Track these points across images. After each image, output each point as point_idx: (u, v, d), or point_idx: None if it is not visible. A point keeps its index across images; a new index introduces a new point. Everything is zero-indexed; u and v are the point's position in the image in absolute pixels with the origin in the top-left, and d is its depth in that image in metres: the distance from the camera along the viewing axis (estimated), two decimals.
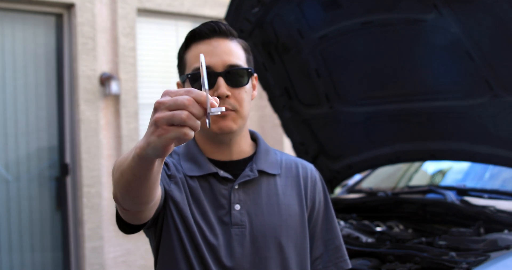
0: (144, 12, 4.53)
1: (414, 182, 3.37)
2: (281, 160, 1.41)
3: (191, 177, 1.30)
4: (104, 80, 4.16)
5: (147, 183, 0.98)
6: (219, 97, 1.26)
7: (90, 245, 4.08)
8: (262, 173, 1.34)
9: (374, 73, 2.58)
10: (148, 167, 0.93)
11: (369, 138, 2.85)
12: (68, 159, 4.17)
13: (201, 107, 0.82)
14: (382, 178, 3.53)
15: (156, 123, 0.83)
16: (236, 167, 1.34)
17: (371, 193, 3.11)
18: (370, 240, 2.43)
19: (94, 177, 4.13)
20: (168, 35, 4.75)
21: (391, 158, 2.90)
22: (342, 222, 2.66)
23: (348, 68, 2.64)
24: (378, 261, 2.13)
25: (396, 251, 2.12)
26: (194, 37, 1.32)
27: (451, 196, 2.70)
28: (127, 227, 1.20)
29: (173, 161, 1.33)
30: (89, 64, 4.13)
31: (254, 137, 1.43)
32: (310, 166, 1.45)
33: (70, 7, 4.16)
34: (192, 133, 0.82)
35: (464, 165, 3.19)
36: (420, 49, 2.37)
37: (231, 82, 1.28)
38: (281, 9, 2.43)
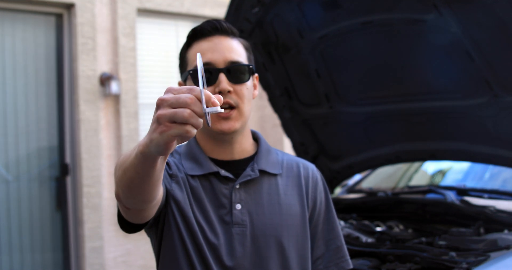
0: (144, 12, 4.53)
1: (414, 182, 3.36)
2: (282, 160, 1.41)
3: (193, 177, 1.30)
4: (104, 80, 4.16)
5: (149, 181, 0.98)
6: (220, 93, 1.26)
7: (90, 245, 4.08)
8: (263, 172, 1.34)
9: (374, 73, 2.58)
10: (151, 165, 0.93)
11: (369, 138, 2.85)
12: (68, 159, 4.17)
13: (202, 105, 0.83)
14: (382, 178, 3.52)
15: (159, 120, 0.83)
16: (237, 166, 1.34)
17: (371, 193, 3.11)
18: (370, 240, 2.43)
19: (94, 177, 4.13)
20: (168, 35, 4.75)
21: (391, 158, 2.90)
22: (342, 222, 2.66)
23: (348, 68, 2.64)
24: (378, 261, 2.13)
25: (396, 251, 2.12)
26: (196, 35, 1.33)
27: (451, 196, 2.70)
28: (129, 226, 1.20)
29: (174, 160, 1.33)
30: (89, 64, 4.13)
31: (255, 137, 1.43)
32: (311, 166, 1.45)
33: (70, 7, 4.16)
34: (194, 131, 0.82)
35: (464, 165, 3.18)
36: (420, 49, 2.37)
37: (233, 78, 1.29)
38: (281, 9, 2.43)
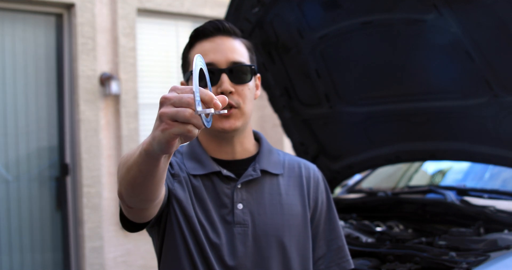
0: (144, 12, 4.53)
1: (414, 182, 3.36)
2: (284, 160, 1.41)
3: (195, 176, 1.31)
4: (104, 80, 4.16)
5: (153, 180, 0.98)
6: (222, 93, 1.26)
7: (90, 245, 4.08)
8: (265, 172, 1.35)
9: (374, 73, 2.58)
10: (154, 164, 0.93)
11: (369, 138, 2.85)
12: (68, 159, 4.17)
13: (205, 106, 0.83)
14: (382, 178, 3.52)
15: (161, 117, 0.83)
16: (239, 166, 1.34)
17: (371, 193, 3.11)
18: (370, 240, 2.43)
19: (94, 177, 4.13)
20: (168, 35, 4.75)
21: (391, 158, 2.89)
22: (342, 222, 2.66)
23: (348, 68, 2.64)
24: (378, 261, 2.13)
25: (396, 251, 2.12)
26: (198, 35, 1.33)
27: (451, 196, 2.70)
28: (131, 225, 1.21)
29: (176, 160, 1.34)
30: (89, 64, 4.13)
31: (257, 137, 1.44)
32: (312, 166, 1.45)
33: (70, 7, 4.16)
34: (196, 131, 0.83)
35: (464, 165, 3.18)
36: (420, 49, 2.37)
37: (235, 78, 1.29)
38: (281, 9, 2.43)
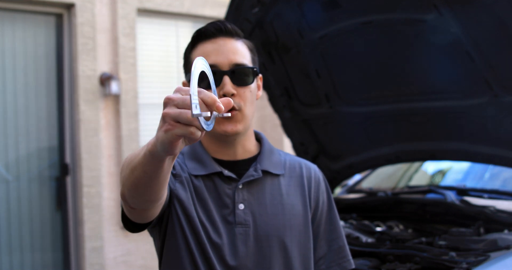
0: (144, 12, 4.53)
1: (414, 182, 3.36)
2: (285, 160, 1.42)
3: (196, 176, 1.31)
4: (104, 80, 4.16)
5: (157, 181, 0.99)
6: (224, 96, 1.26)
7: (90, 245, 4.08)
8: (266, 173, 1.35)
9: (374, 73, 2.58)
10: (159, 165, 0.93)
11: (369, 138, 2.85)
12: (68, 159, 4.17)
13: (208, 108, 0.82)
14: (382, 178, 3.52)
15: (164, 118, 0.83)
16: (240, 166, 1.35)
17: (371, 193, 3.11)
18: (370, 240, 2.43)
19: (94, 177, 4.13)
20: (168, 35, 4.75)
21: (391, 158, 2.89)
22: (342, 222, 2.66)
23: (348, 68, 2.64)
24: (378, 261, 2.13)
25: (396, 251, 2.12)
26: (200, 36, 1.33)
27: (451, 196, 2.70)
28: (133, 225, 1.21)
29: (178, 160, 1.34)
30: (89, 64, 4.13)
31: (258, 137, 1.44)
32: (313, 166, 1.45)
33: (70, 7, 4.16)
34: (198, 133, 0.82)
35: (464, 165, 3.18)
36: (420, 49, 2.37)
37: (237, 81, 1.29)
38: (281, 9, 2.43)
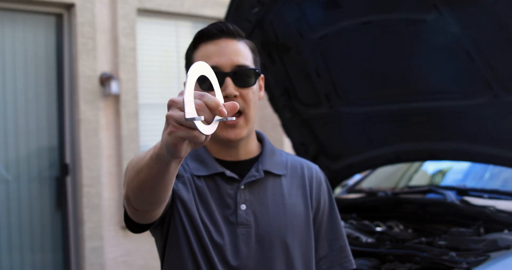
0: (144, 12, 4.53)
1: (414, 182, 3.36)
2: (286, 160, 1.42)
3: (198, 177, 1.31)
4: (104, 80, 4.16)
5: (162, 184, 0.99)
6: (226, 97, 1.26)
7: (90, 245, 4.08)
8: (268, 173, 1.35)
9: (374, 73, 2.58)
10: (164, 168, 0.93)
11: (369, 138, 2.85)
12: (68, 159, 4.17)
13: (211, 112, 0.82)
14: (382, 178, 3.52)
15: (168, 120, 0.84)
16: (242, 167, 1.35)
17: (371, 193, 3.11)
18: (370, 240, 2.43)
19: (94, 177, 4.13)
20: (168, 35, 4.75)
21: (391, 158, 2.89)
22: (342, 222, 2.66)
23: (348, 68, 2.64)
24: (378, 261, 2.13)
25: (396, 251, 2.12)
26: (202, 37, 1.33)
27: (451, 196, 2.70)
28: (135, 226, 1.21)
29: None
30: (89, 64, 4.13)
31: (260, 138, 1.44)
32: (315, 166, 1.46)
33: (70, 7, 4.16)
34: (202, 137, 0.82)
35: (464, 165, 3.18)
36: (420, 49, 2.36)
37: (239, 82, 1.29)
38: (281, 9, 2.43)
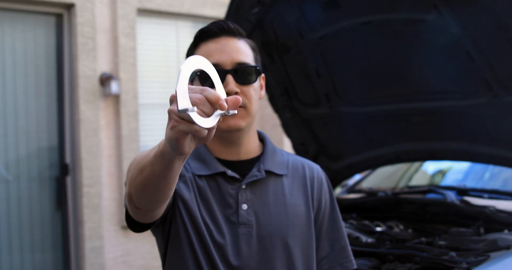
0: (144, 12, 4.53)
1: (414, 182, 3.36)
2: (287, 160, 1.42)
3: (199, 176, 1.31)
4: (104, 80, 4.16)
5: (165, 182, 0.99)
6: (227, 94, 1.26)
7: (90, 245, 4.08)
8: (269, 173, 1.35)
9: (374, 73, 2.58)
10: (168, 165, 0.93)
11: (369, 138, 2.85)
12: (68, 159, 4.17)
13: (212, 106, 0.83)
14: (382, 178, 3.52)
15: (169, 115, 0.84)
16: (243, 167, 1.35)
17: (371, 193, 3.11)
18: (370, 240, 2.43)
19: (94, 177, 4.13)
20: (168, 35, 4.75)
21: (391, 158, 2.89)
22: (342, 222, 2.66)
23: (348, 68, 2.64)
24: (378, 261, 2.13)
25: (396, 251, 2.12)
26: (203, 35, 1.33)
27: (451, 196, 2.70)
28: (136, 225, 1.22)
29: None
30: (89, 64, 4.13)
31: (261, 138, 1.45)
32: (316, 166, 1.45)
33: (70, 7, 4.16)
34: (204, 131, 0.82)
35: (464, 165, 3.18)
36: (420, 49, 2.36)
37: (240, 79, 1.29)
38: (281, 9, 2.43)
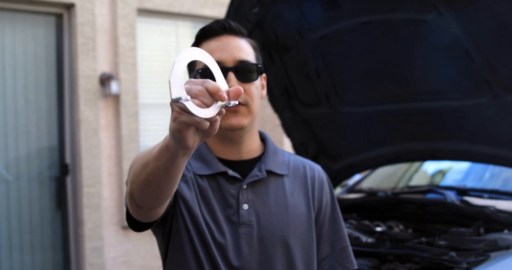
0: (144, 12, 4.53)
1: (414, 182, 3.36)
2: (288, 160, 1.42)
3: (201, 176, 1.31)
4: (104, 80, 4.16)
5: (169, 178, 0.99)
6: None
7: (90, 245, 4.08)
8: (270, 173, 1.35)
9: (374, 73, 2.58)
10: (173, 160, 0.94)
11: (369, 138, 2.85)
12: (68, 159, 4.17)
13: (212, 97, 0.83)
14: (382, 178, 3.52)
15: (171, 107, 0.85)
16: (244, 166, 1.35)
17: (371, 193, 3.11)
18: (370, 240, 2.43)
19: (94, 177, 4.13)
20: (168, 35, 4.75)
21: (391, 158, 2.89)
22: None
23: (348, 68, 2.64)
24: (378, 261, 2.13)
25: (396, 251, 2.12)
26: (205, 34, 1.33)
27: (451, 196, 2.70)
28: (137, 225, 1.22)
29: None
30: (89, 64, 4.13)
31: (262, 137, 1.45)
32: (317, 167, 1.45)
33: (70, 7, 4.16)
34: (206, 124, 0.83)
35: (464, 165, 3.18)
36: (420, 49, 2.36)
37: (241, 77, 1.29)
38: (281, 9, 2.43)
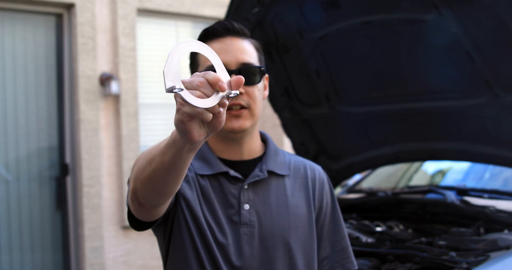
0: (144, 12, 4.53)
1: (414, 182, 3.37)
2: (289, 161, 1.42)
3: (202, 176, 1.32)
4: (104, 80, 4.16)
5: (174, 173, 1.00)
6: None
7: (90, 245, 4.08)
8: (271, 173, 1.35)
9: (374, 73, 2.58)
10: (178, 155, 0.94)
11: (369, 138, 2.85)
12: (68, 159, 4.17)
13: (212, 87, 0.85)
14: (382, 178, 3.52)
15: (175, 98, 0.86)
16: (246, 167, 1.35)
17: (371, 193, 3.11)
18: (370, 240, 2.43)
19: (94, 177, 4.13)
20: (168, 35, 4.75)
21: (391, 158, 2.90)
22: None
23: (348, 68, 2.64)
24: (378, 261, 2.13)
25: (396, 251, 2.12)
26: (208, 35, 1.33)
27: (451, 196, 2.70)
28: (138, 223, 1.22)
29: None
30: (89, 64, 4.13)
31: (263, 138, 1.45)
32: (318, 167, 1.46)
33: (70, 7, 4.16)
34: (209, 115, 0.84)
35: (464, 165, 3.19)
36: (420, 49, 2.37)
37: (245, 79, 1.29)
38: (281, 9, 2.43)
